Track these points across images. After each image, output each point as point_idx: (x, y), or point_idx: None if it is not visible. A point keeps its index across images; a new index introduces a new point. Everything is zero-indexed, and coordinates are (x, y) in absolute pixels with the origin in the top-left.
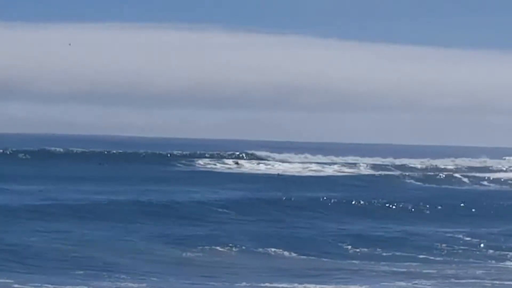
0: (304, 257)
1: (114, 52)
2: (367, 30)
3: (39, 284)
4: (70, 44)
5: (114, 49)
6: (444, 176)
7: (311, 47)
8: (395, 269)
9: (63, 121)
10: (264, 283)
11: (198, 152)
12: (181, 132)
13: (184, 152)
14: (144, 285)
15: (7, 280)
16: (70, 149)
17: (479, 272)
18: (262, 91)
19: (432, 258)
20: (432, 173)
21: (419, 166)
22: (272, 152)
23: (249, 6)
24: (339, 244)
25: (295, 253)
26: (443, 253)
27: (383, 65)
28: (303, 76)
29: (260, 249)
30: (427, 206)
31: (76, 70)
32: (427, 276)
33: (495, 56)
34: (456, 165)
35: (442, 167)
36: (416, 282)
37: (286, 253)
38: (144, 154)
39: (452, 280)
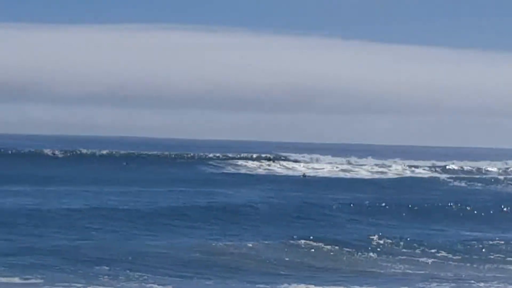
0: (329, 247)
1: (134, 54)
2: (389, 31)
3: (68, 284)
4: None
5: (132, 51)
6: (477, 177)
7: (331, 49)
8: (414, 269)
9: (81, 122)
10: (282, 284)
11: (225, 154)
12: (201, 133)
13: (211, 154)
14: (170, 287)
15: (37, 281)
16: (94, 151)
17: (499, 275)
18: (282, 93)
19: (451, 257)
20: (465, 175)
21: (455, 168)
22: (299, 153)
23: (268, 8)
24: (365, 240)
25: (320, 242)
26: (464, 254)
27: (404, 67)
28: (324, 78)
29: (291, 241)
30: (459, 206)
31: (95, 71)
32: (445, 278)
33: None
34: (487, 165)
35: (474, 168)
36: (433, 285)
37: (313, 243)
38: (170, 155)
39: (472, 282)
